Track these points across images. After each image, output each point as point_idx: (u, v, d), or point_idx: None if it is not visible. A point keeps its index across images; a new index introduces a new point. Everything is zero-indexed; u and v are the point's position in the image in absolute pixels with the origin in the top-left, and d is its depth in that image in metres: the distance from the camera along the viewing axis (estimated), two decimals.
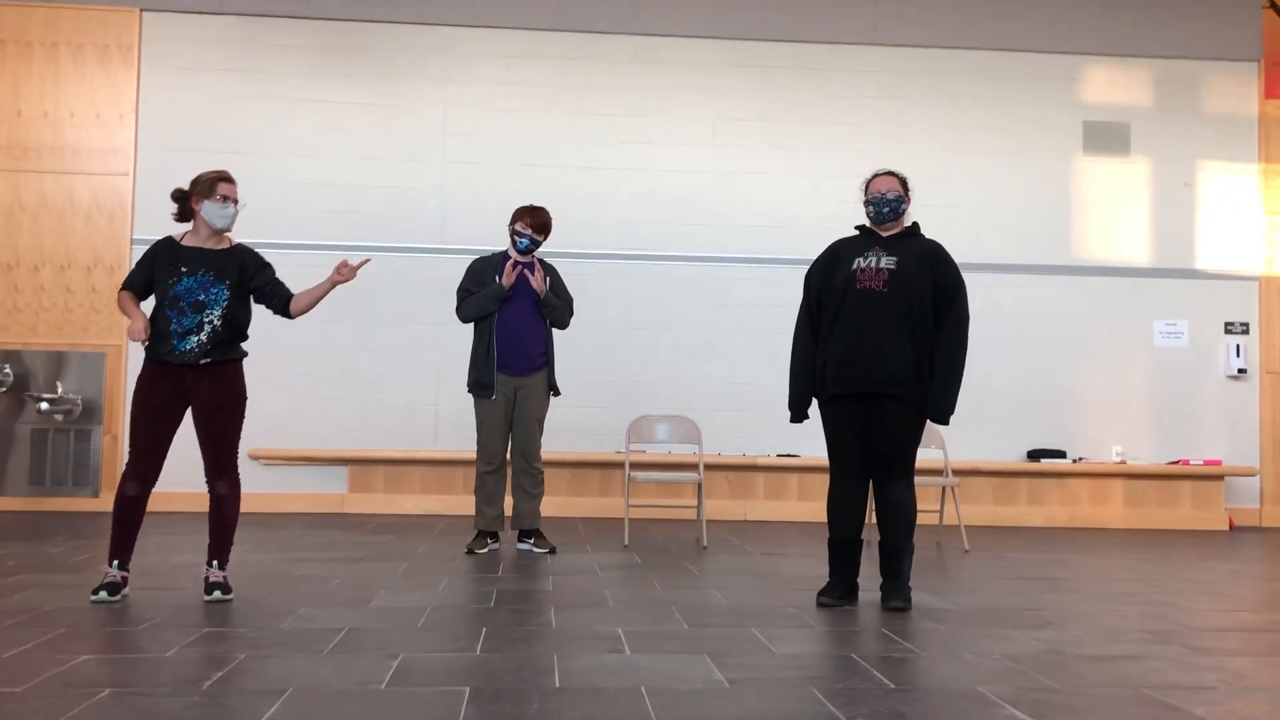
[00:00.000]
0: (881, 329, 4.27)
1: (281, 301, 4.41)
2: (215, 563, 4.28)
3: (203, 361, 4.19)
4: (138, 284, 4.25)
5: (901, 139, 8.33)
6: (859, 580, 4.45)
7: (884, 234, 4.45)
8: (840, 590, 4.38)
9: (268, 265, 4.39)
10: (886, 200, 4.42)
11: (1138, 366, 8.40)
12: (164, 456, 4.25)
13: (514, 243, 5.81)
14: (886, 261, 4.33)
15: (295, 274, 7.83)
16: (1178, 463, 8.18)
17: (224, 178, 4.28)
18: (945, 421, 4.29)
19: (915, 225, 4.52)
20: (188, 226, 4.35)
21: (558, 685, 2.97)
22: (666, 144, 8.22)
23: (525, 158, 8.11)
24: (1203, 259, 8.51)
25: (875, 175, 4.51)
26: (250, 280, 4.33)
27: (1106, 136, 8.49)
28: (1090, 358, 8.39)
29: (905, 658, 3.40)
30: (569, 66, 8.20)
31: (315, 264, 7.88)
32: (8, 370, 7.62)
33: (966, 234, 8.30)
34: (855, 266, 4.37)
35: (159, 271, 4.23)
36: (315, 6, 8.03)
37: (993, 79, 8.45)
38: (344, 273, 4.34)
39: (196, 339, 4.18)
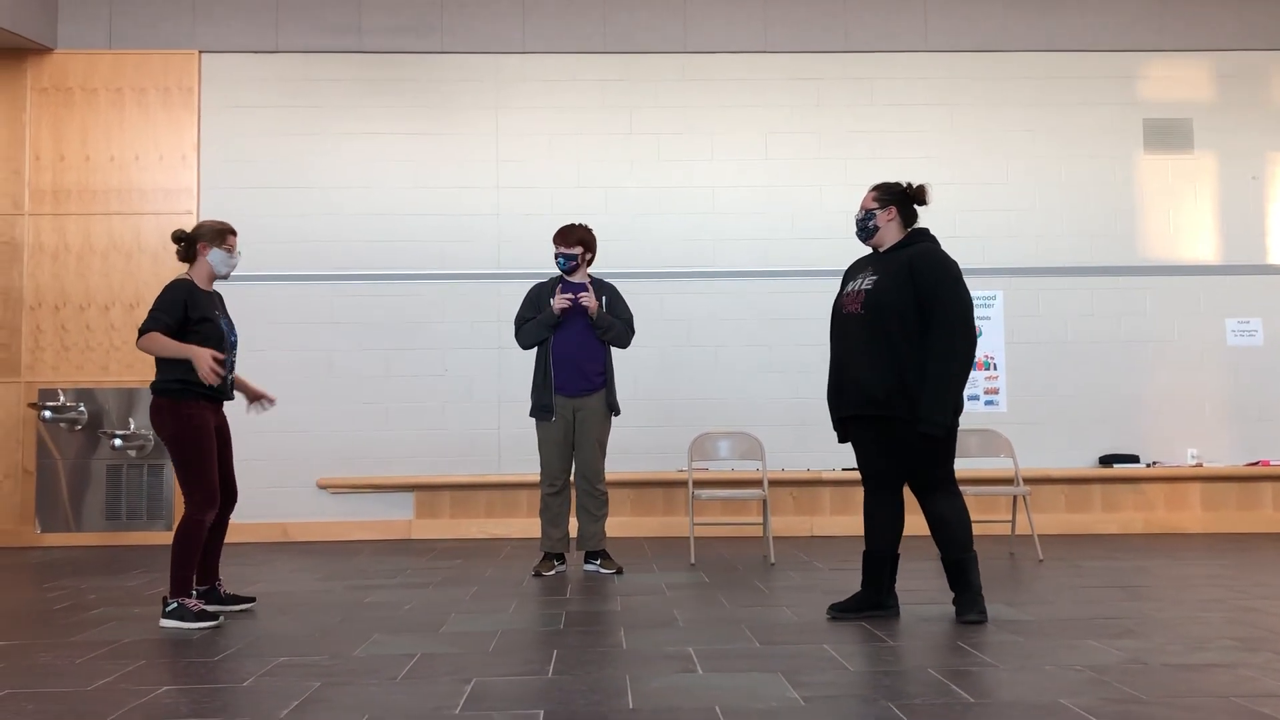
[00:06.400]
0: (858, 352, 4.21)
1: None
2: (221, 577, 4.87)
3: (233, 394, 4.68)
4: (172, 326, 4.41)
5: (957, 145, 8.25)
6: (897, 594, 4.39)
7: (882, 250, 4.39)
8: (856, 603, 4.32)
9: None
10: (857, 220, 4.43)
11: (1211, 366, 8.20)
12: None
13: (557, 265, 5.86)
14: (867, 282, 4.27)
15: (354, 304, 7.99)
16: (1257, 464, 7.95)
17: (231, 230, 4.69)
18: (937, 433, 4.07)
19: (918, 232, 4.36)
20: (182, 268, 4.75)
21: (631, 706, 2.95)
22: (719, 160, 8.21)
23: (578, 180, 8.16)
24: (1275, 254, 8.28)
25: None
26: None
27: (1168, 133, 8.32)
28: (1161, 359, 8.20)
29: (983, 671, 3.33)
30: (618, 87, 8.24)
31: (373, 293, 8.02)
32: (82, 408, 7.81)
33: (1028, 238, 8.19)
34: (845, 290, 4.39)
35: (194, 313, 4.47)
36: (367, 41, 8.17)
37: (1048, 80, 8.33)
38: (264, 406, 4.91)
39: (230, 375, 4.63)
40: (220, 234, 4.62)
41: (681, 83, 8.25)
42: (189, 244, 4.61)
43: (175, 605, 4.29)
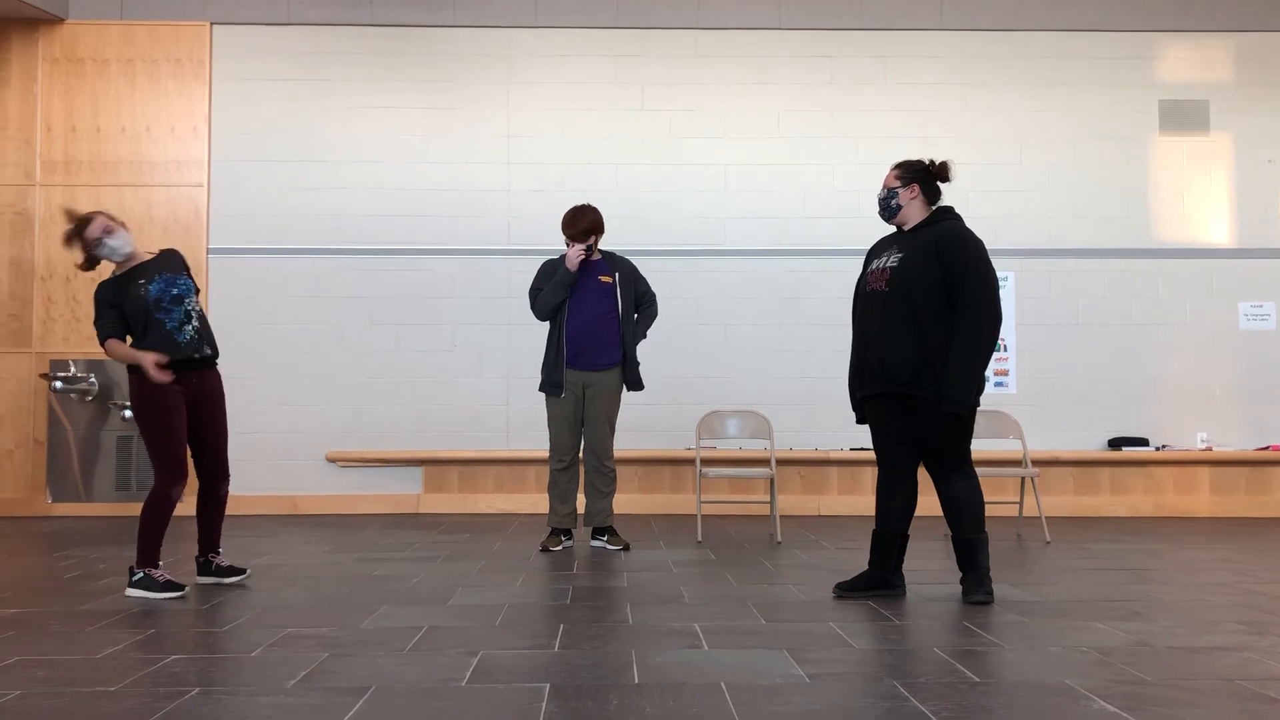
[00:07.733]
0: (883, 329, 4.18)
1: None
2: (219, 549, 4.72)
3: (206, 351, 4.50)
4: (119, 328, 4.40)
5: (971, 125, 8.19)
6: (904, 575, 4.39)
7: (906, 228, 4.37)
8: (862, 582, 4.33)
9: None
10: (879, 199, 4.40)
11: (1222, 350, 8.16)
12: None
13: None
14: (893, 259, 4.24)
15: (363, 278, 7.99)
16: (1267, 448, 7.93)
17: (87, 220, 4.41)
18: (960, 412, 4.06)
19: (943, 210, 4.34)
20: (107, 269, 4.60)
21: (637, 681, 2.96)
22: (731, 138, 8.17)
23: (589, 156, 8.13)
24: None
25: None
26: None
27: (1184, 115, 8.26)
28: (1172, 342, 8.16)
29: (989, 651, 3.33)
30: (630, 64, 8.19)
31: (383, 268, 8.01)
32: (92, 380, 7.84)
33: (1041, 219, 8.15)
34: (869, 268, 4.36)
35: (125, 304, 4.38)
36: (379, 14, 8.13)
37: (1064, 60, 8.26)
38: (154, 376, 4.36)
39: (190, 326, 4.46)
40: (75, 231, 4.41)
41: (694, 59, 8.20)
42: (87, 264, 4.47)
43: (141, 575, 4.35)
